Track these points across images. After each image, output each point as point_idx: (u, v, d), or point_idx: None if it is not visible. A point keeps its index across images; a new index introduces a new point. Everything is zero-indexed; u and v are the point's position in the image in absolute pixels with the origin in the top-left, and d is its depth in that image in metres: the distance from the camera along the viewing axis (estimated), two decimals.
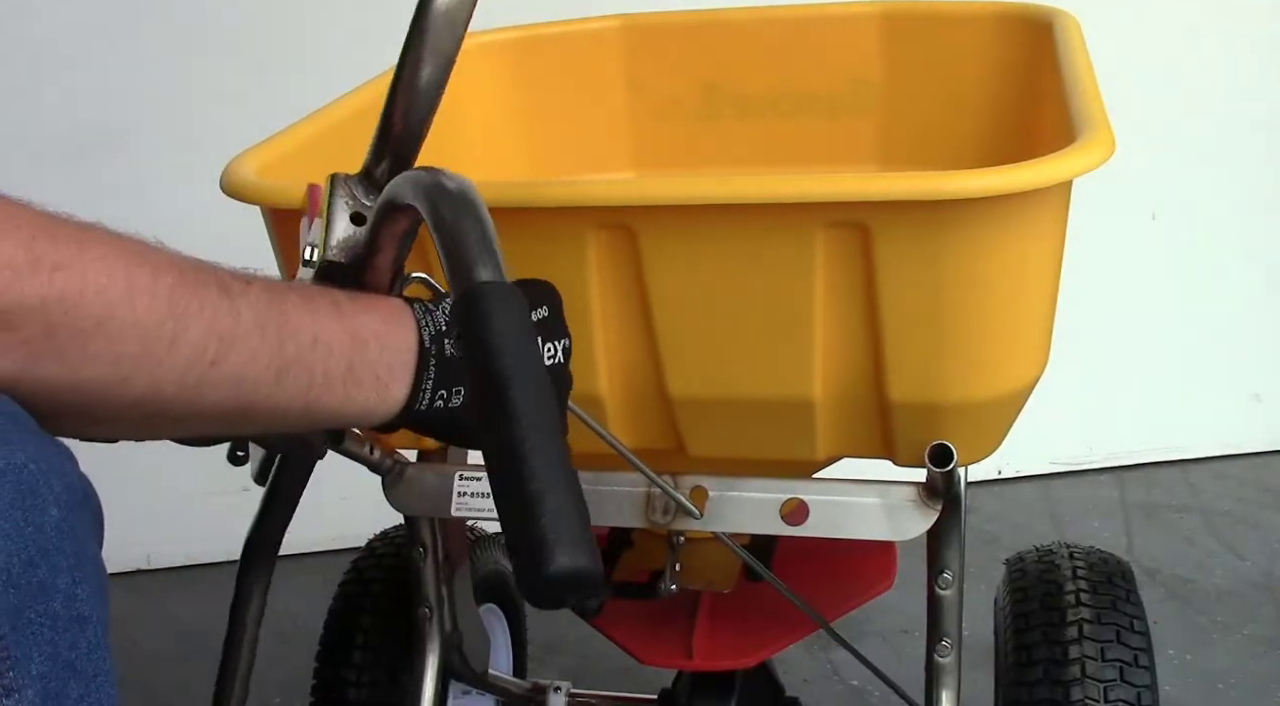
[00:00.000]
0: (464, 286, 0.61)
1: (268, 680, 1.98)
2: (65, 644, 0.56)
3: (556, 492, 0.56)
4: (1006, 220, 0.89)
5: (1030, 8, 1.33)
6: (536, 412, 0.58)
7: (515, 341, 0.60)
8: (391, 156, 0.82)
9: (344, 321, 0.71)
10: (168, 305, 0.62)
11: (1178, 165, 2.34)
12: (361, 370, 0.72)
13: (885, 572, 1.28)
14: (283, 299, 0.69)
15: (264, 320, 0.67)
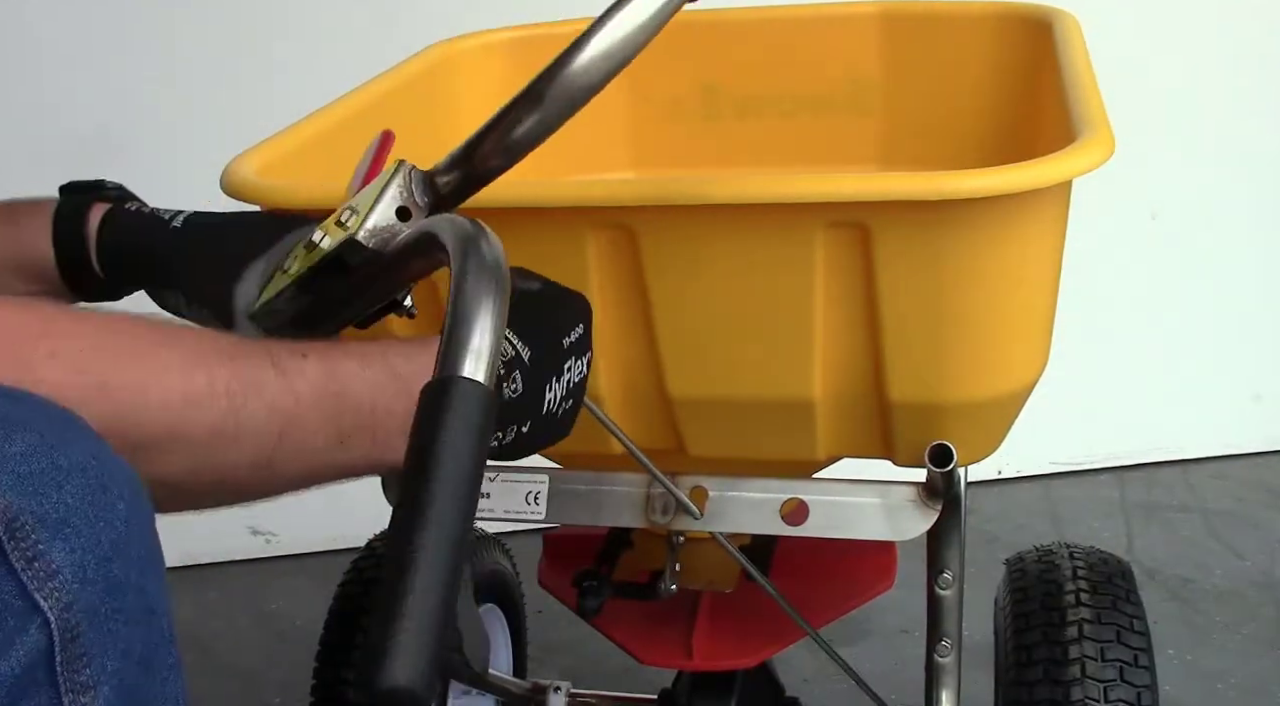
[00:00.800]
0: (443, 371, 0.60)
1: (268, 680, 1.99)
2: (137, 638, 0.57)
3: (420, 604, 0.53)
4: (1006, 220, 0.89)
5: (1030, 8, 1.33)
6: (448, 520, 0.55)
7: (462, 445, 0.57)
8: (462, 176, 0.80)
9: (398, 382, 0.74)
10: (227, 403, 0.65)
11: (1178, 165, 2.34)
12: None
13: (885, 573, 1.28)
14: (339, 369, 0.71)
15: (321, 395, 0.70)
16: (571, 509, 1.09)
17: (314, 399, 0.69)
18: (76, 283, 0.94)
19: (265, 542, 2.37)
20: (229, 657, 2.08)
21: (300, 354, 0.70)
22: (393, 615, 0.52)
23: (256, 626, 2.16)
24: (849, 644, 1.97)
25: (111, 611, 0.55)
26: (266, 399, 0.67)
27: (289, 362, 0.69)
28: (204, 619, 2.19)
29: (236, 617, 2.19)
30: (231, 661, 2.07)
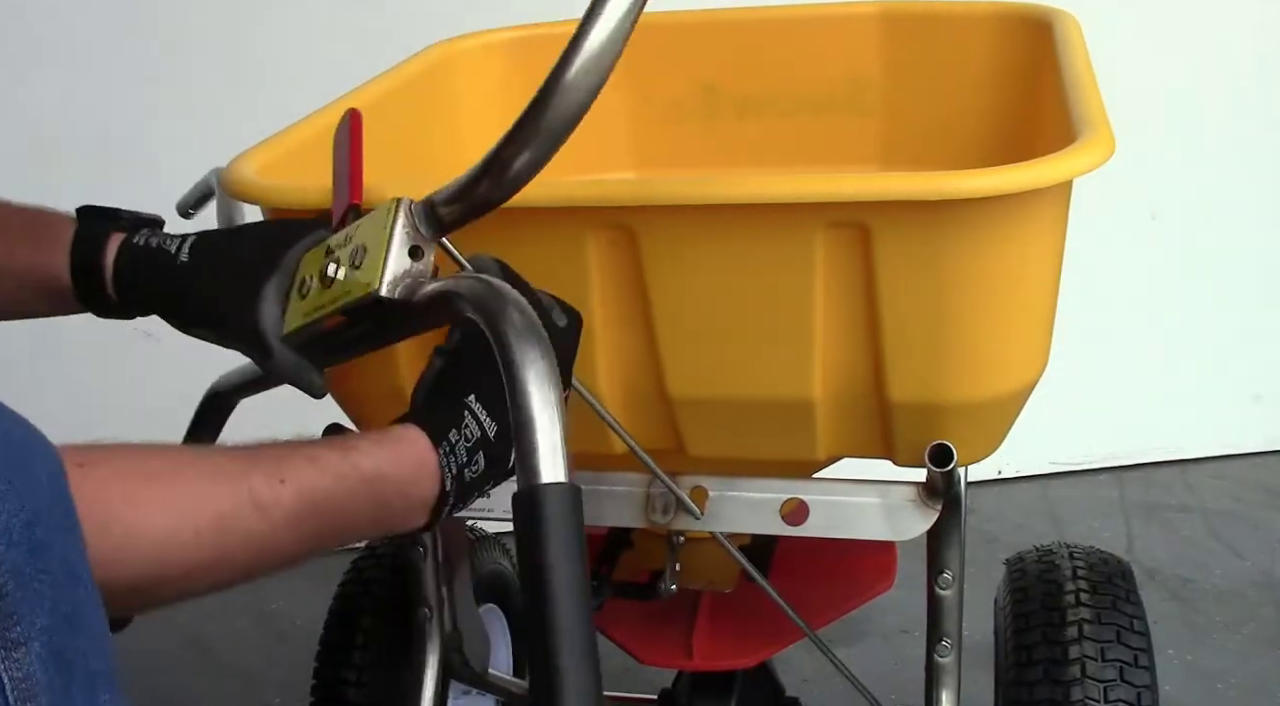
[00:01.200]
0: (528, 481, 0.66)
1: (268, 680, 1.99)
2: (63, 599, 0.59)
3: None
4: (1007, 220, 0.89)
5: (1030, 8, 1.33)
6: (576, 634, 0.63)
7: (568, 559, 0.64)
8: (464, 206, 0.80)
9: (371, 491, 0.78)
10: (212, 542, 0.70)
11: (1178, 165, 2.34)
12: (385, 523, 0.81)
13: (885, 572, 1.28)
14: (315, 494, 0.75)
15: (298, 520, 0.74)
16: None
17: (291, 523, 0.74)
18: (95, 306, 0.96)
19: None
20: (229, 657, 2.08)
21: (278, 480, 0.74)
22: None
23: (256, 626, 2.16)
24: (849, 644, 1.97)
25: (37, 571, 0.57)
26: (245, 534, 0.72)
27: (266, 494, 0.73)
28: (204, 619, 2.19)
29: (236, 617, 2.19)
30: (231, 661, 2.07)
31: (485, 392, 0.84)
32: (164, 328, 0.95)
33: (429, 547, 1.25)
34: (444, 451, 0.81)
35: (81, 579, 0.60)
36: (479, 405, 0.84)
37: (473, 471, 0.82)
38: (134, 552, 0.67)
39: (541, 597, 0.63)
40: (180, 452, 0.74)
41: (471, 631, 1.30)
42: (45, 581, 0.57)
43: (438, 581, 1.25)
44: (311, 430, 1.13)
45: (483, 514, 1.10)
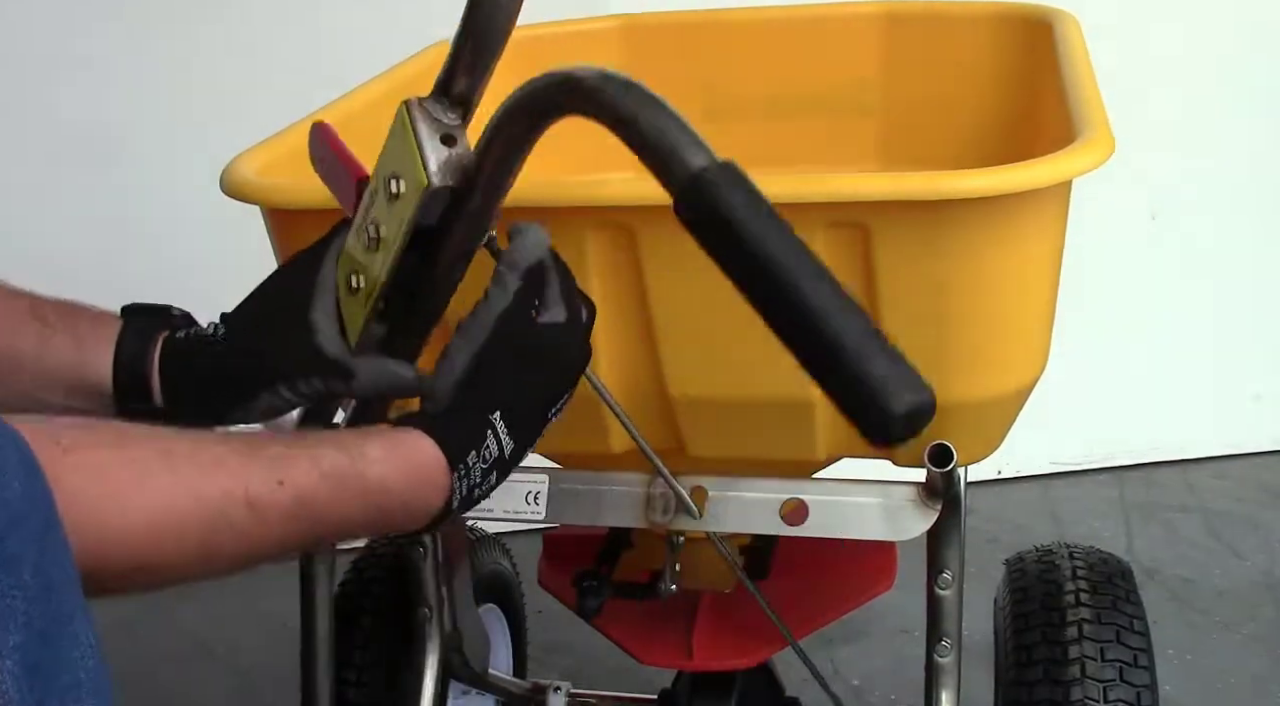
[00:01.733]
0: (688, 173, 0.62)
1: (267, 680, 1.99)
2: (37, 613, 0.57)
3: (871, 345, 0.58)
4: (1007, 220, 0.89)
5: (1030, 8, 1.33)
6: (818, 279, 0.60)
7: (762, 219, 0.61)
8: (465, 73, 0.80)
9: (372, 499, 0.75)
10: (198, 539, 0.67)
11: (1178, 165, 2.34)
12: (383, 527, 0.79)
13: (885, 573, 1.28)
14: (312, 496, 0.73)
15: (294, 520, 0.72)
16: (571, 509, 1.09)
17: (285, 522, 0.71)
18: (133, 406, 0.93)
19: None
20: (229, 657, 2.08)
21: (277, 481, 0.71)
22: (865, 369, 0.57)
23: (256, 626, 2.16)
24: (849, 643, 1.97)
25: (9, 587, 0.56)
26: (236, 532, 0.69)
27: (263, 494, 0.70)
28: (204, 619, 2.19)
29: (236, 617, 2.19)
30: (231, 661, 2.07)
31: (511, 408, 0.81)
32: None
33: (429, 547, 1.25)
34: (459, 474, 0.79)
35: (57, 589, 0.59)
36: (502, 422, 0.81)
37: (482, 490, 0.81)
38: (115, 546, 0.65)
39: (778, 287, 0.61)
40: (175, 439, 0.70)
41: (471, 631, 1.30)
42: (17, 596, 0.56)
43: (438, 581, 1.25)
44: None
45: (483, 514, 1.10)
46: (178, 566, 0.68)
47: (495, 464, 0.80)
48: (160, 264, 2.04)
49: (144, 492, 0.66)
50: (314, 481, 0.73)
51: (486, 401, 0.81)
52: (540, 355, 0.83)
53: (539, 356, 0.83)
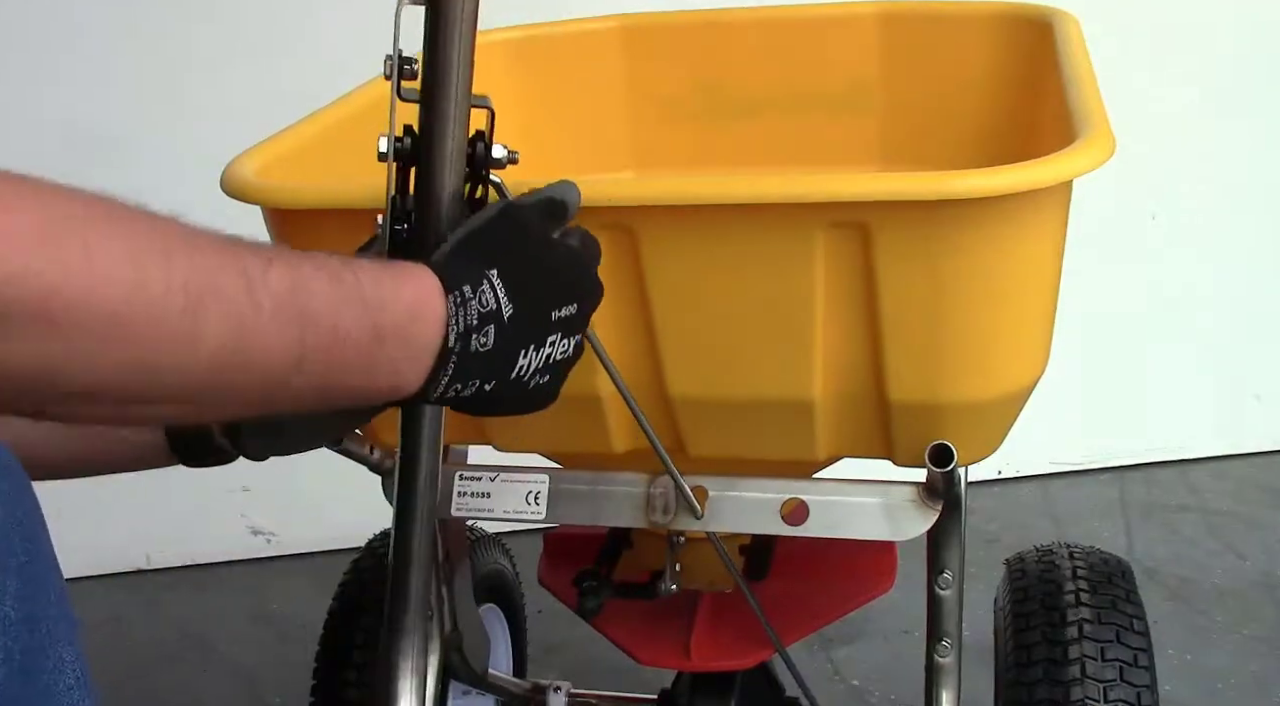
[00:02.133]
0: None
1: (268, 680, 1.99)
2: (18, 648, 0.55)
3: None
4: (1007, 220, 0.89)
5: (1030, 8, 1.33)
6: None
7: None
8: None
9: (368, 313, 0.69)
10: (184, 301, 0.59)
11: (1178, 165, 2.34)
12: (379, 364, 0.70)
13: (884, 575, 1.28)
14: (306, 283, 0.66)
15: (285, 309, 0.65)
16: (571, 509, 1.09)
17: (274, 310, 0.64)
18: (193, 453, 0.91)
19: (265, 542, 2.37)
20: (229, 657, 2.08)
21: (266, 260, 0.64)
22: None
23: (256, 626, 2.16)
24: (849, 644, 1.97)
25: None
26: (226, 304, 0.61)
27: (254, 268, 0.63)
28: (204, 619, 2.19)
29: (236, 617, 2.19)
30: (231, 661, 2.07)
31: (509, 272, 0.77)
32: None
33: None
34: (454, 301, 0.73)
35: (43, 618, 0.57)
36: (500, 282, 0.76)
37: (480, 342, 0.74)
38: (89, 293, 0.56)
39: None
40: (145, 210, 0.62)
41: (471, 631, 1.30)
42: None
43: (438, 581, 1.25)
44: None
45: (483, 514, 1.10)
46: (164, 333, 0.59)
47: (493, 318, 0.75)
48: None
49: (131, 240, 0.59)
50: (308, 271, 0.67)
51: (483, 257, 0.78)
52: (548, 251, 0.81)
53: (547, 250, 0.81)
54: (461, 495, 1.10)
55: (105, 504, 2.31)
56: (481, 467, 1.10)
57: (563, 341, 0.80)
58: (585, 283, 0.83)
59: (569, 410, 1.03)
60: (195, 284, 0.60)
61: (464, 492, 1.10)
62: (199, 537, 2.35)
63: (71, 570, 0.64)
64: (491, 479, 1.10)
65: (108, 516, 2.31)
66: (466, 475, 1.10)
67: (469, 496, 1.10)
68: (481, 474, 1.10)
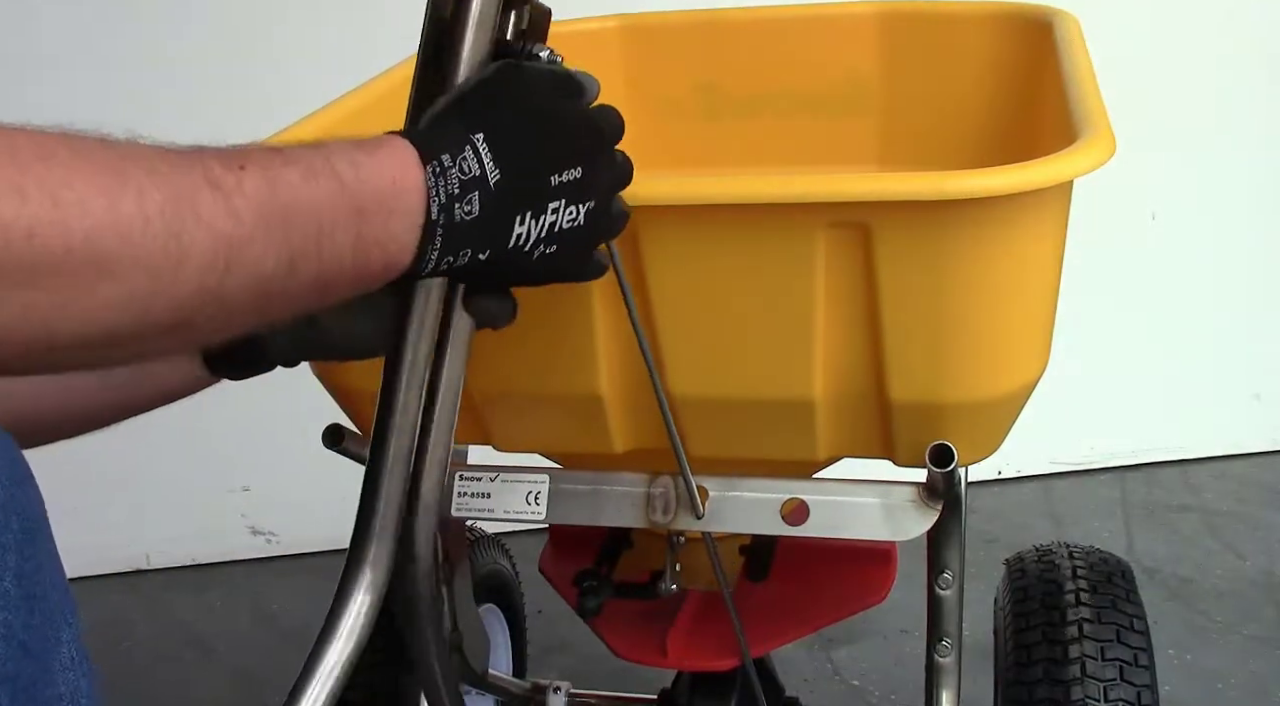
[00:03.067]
0: None
1: (268, 680, 1.99)
2: (19, 624, 0.55)
3: None
4: (1007, 220, 0.89)
5: (1030, 8, 1.33)
6: None
7: None
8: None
9: (347, 195, 0.67)
10: (164, 227, 0.57)
11: (1178, 165, 2.34)
12: (367, 245, 0.69)
13: (881, 583, 1.28)
14: (281, 181, 0.64)
15: (266, 214, 0.63)
16: (571, 509, 1.09)
17: (257, 217, 0.62)
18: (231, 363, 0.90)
19: (265, 542, 2.37)
20: (229, 657, 2.08)
21: (237, 166, 0.62)
22: None
23: (256, 626, 2.16)
24: (849, 644, 1.97)
25: None
26: (205, 224, 0.59)
27: (226, 178, 0.61)
28: (204, 619, 2.19)
29: (236, 617, 2.19)
30: (231, 661, 2.07)
31: (497, 135, 0.74)
32: None
33: None
34: (432, 170, 0.71)
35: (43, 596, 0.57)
36: (486, 146, 0.73)
37: (464, 211, 0.72)
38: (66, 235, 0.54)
39: None
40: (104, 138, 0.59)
41: (471, 631, 1.30)
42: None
43: (438, 581, 1.25)
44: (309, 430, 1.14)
45: (483, 514, 1.10)
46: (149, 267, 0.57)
47: (477, 185, 0.72)
48: None
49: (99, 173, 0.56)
50: (279, 165, 0.65)
51: (467, 122, 0.75)
52: (545, 112, 0.78)
53: (544, 112, 0.78)
54: (461, 495, 1.10)
55: (105, 504, 2.32)
56: (481, 468, 1.10)
57: (568, 209, 0.77)
58: (592, 146, 0.79)
59: (569, 410, 1.04)
60: (170, 207, 0.58)
61: (464, 493, 1.10)
62: (199, 537, 2.35)
63: (71, 570, 0.64)
64: (491, 479, 1.10)
65: (108, 516, 2.31)
66: (466, 475, 1.10)
67: (469, 496, 1.10)
68: (481, 474, 1.10)
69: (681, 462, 1.02)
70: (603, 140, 0.81)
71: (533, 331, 0.98)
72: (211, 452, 2.30)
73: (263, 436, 2.26)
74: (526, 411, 1.06)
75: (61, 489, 2.22)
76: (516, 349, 0.99)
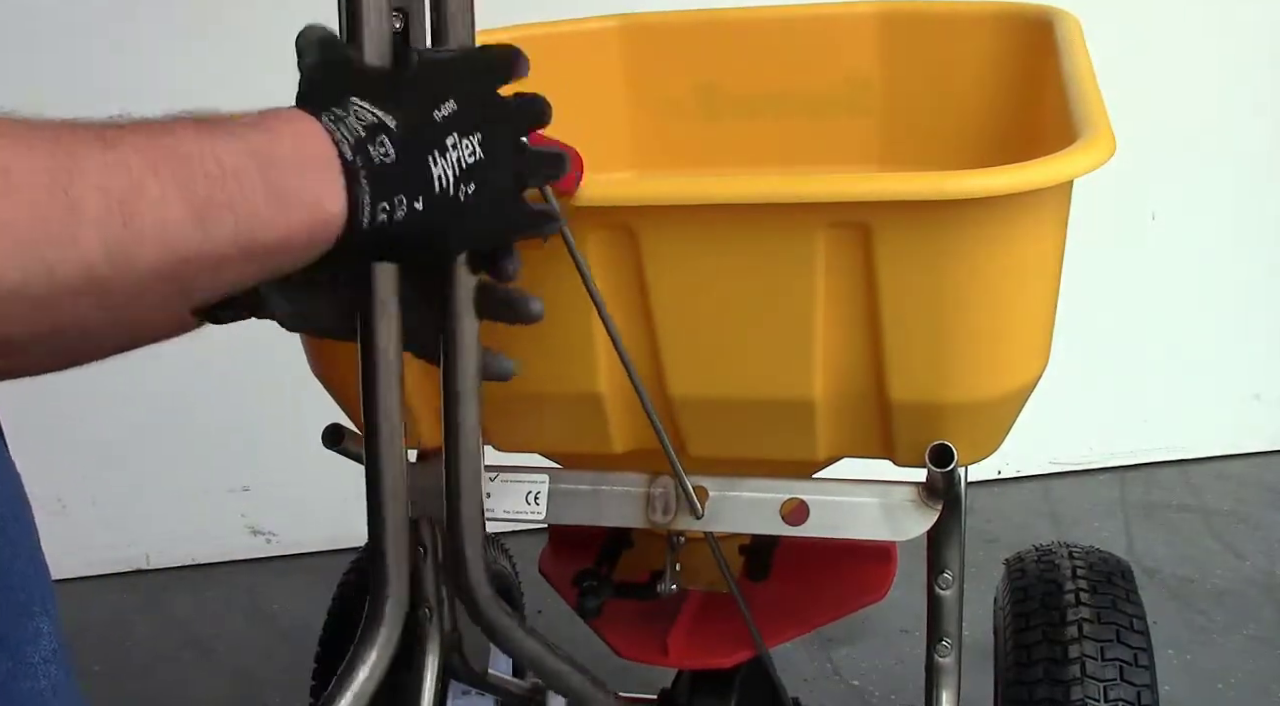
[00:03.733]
0: None
1: (268, 680, 1.99)
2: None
3: None
4: (1008, 220, 0.89)
5: (1030, 8, 1.33)
6: None
7: None
8: None
9: (244, 141, 0.65)
10: (48, 178, 0.56)
11: (1178, 165, 2.34)
12: (284, 193, 0.66)
13: (881, 582, 1.27)
14: (169, 132, 0.62)
15: (155, 161, 0.60)
16: (571, 509, 1.09)
17: (151, 165, 0.60)
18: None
19: (265, 542, 2.37)
20: (229, 657, 2.08)
21: (118, 127, 0.61)
22: None
23: (256, 626, 2.16)
24: (849, 644, 1.97)
25: None
26: (94, 175, 0.57)
27: (109, 133, 0.60)
28: (204, 619, 2.19)
29: (236, 617, 2.19)
30: (231, 661, 2.07)
31: (368, 91, 0.74)
32: None
33: (429, 547, 1.25)
34: (328, 119, 0.70)
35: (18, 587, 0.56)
36: (365, 102, 0.73)
37: (381, 153, 0.70)
38: None
39: None
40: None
41: (471, 631, 1.30)
42: None
43: (438, 581, 1.25)
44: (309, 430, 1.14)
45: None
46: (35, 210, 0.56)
47: (381, 128, 0.71)
48: None
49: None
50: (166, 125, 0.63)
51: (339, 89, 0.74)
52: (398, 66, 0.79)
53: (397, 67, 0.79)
54: None
55: (105, 504, 2.32)
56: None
57: (463, 141, 0.76)
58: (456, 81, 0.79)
59: (569, 410, 1.04)
60: (56, 163, 0.57)
61: None
62: (199, 537, 2.35)
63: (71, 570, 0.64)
64: (491, 479, 1.10)
65: (108, 516, 2.31)
66: None
67: None
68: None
69: (674, 461, 1.02)
70: (472, 72, 0.81)
71: (532, 331, 0.98)
72: (211, 452, 2.30)
73: (263, 436, 2.26)
74: (526, 411, 1.06)
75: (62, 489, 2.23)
76: (516, 349, 0.99)
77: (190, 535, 2.35)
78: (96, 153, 0.58)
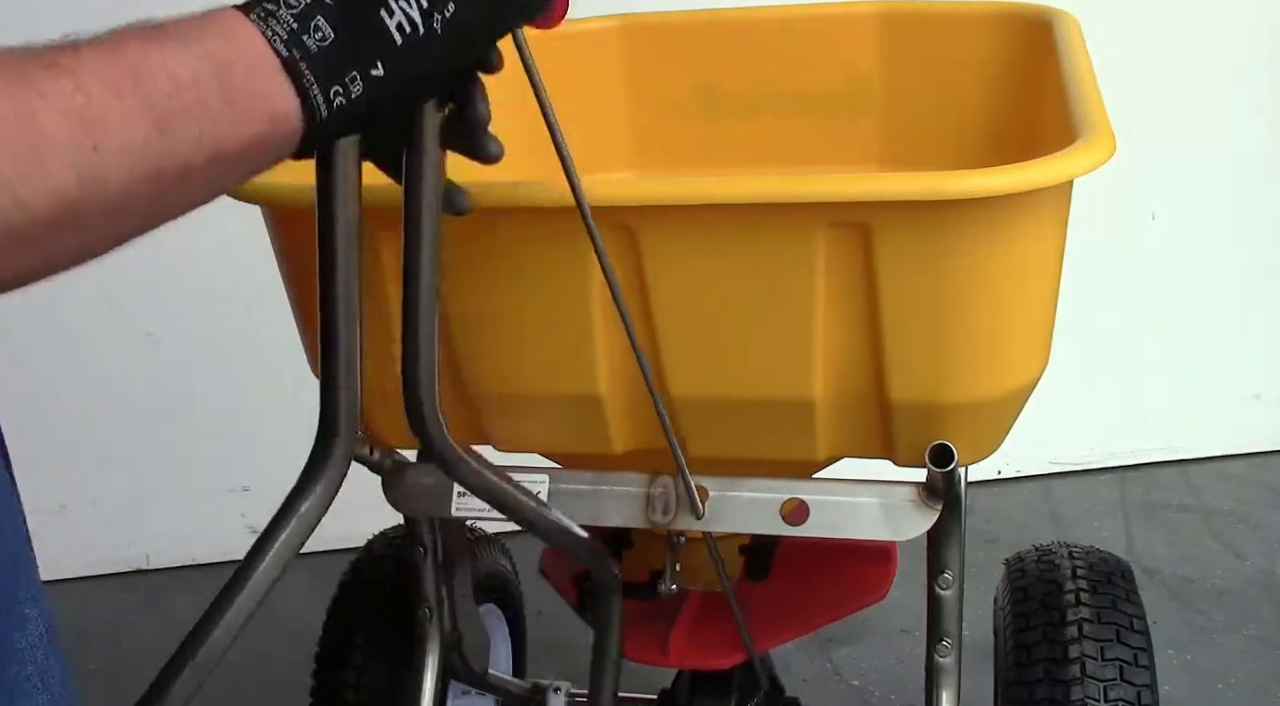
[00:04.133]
0: None
1: (268, 680, 1.98)
2: None
3: None
4: (1008, 220, 0.89)
5: (1030, 8, 1.33)
6: None
7: None
8: None
9: (193, 49, 0.64)
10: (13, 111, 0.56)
11: (1178, 165, 2.34)
12: (238, 98, 0.65)
13: (881, 582, 1.28)
14: (121, 48, 0.62)
15: (115, 80, 0.60)
16: (571, 509, 1.09)
17: (112, 85, 0.60)
18: None
19: None
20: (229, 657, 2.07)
21: (71, 49, 0.61)
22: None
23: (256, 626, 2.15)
24: (849, 644, 1.97)
25: None
26: (54, 100, 0.57)
27: (62, 57, 0.60)
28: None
29: None
30: (231, 661, 2.06)
31: None
32: (164, 328, 0.94)
33: (429, 547, 1.25)
34: (257, 16, 0.67)
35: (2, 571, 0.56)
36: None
37: (317, 39, 0.68)
38: None
39: None
40: None
41: (471, 631, 1.30)
42: None
43: (438, 581, 1.26)
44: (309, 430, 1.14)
45: (483, 514, 1.10)
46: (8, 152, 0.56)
47: (315, 9, 0.69)
48: (160, 262, 2.04)
49: None
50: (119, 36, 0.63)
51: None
52: None
53: None
54: (461, 495, 1.10)
55: (105, 504, 2.32)
56: None
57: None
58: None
59: (569, 411, 1.04)
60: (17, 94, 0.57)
61: (464, 493, 1.10)
62: (199, 537, 2.35)
63: (71, 570, 0.64)
64: None
65: (108, 516, 2.31)
66: None
67: (469, 496, 1.10)
68: None
69: (679, 459, 1.02)
70: None
71: (532, 331, 0.98)
72: (211, 452, 2.30)
73: (263, 436, 2.26)
74: (526, 411, 1.06)
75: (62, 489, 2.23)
76: (516, 349, 0.99)
77: (190, 535, 2.35)
78: (57, 79, 0.58)
